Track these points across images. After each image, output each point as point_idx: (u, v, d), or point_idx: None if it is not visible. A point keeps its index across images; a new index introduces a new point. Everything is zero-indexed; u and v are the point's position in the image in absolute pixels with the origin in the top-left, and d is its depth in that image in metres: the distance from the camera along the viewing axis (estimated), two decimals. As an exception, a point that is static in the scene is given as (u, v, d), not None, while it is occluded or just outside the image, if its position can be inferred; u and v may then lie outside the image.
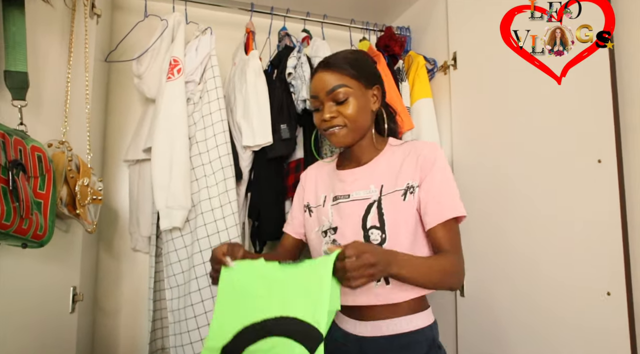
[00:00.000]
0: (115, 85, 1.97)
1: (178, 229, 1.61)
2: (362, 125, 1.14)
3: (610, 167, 1.18)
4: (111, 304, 1.90)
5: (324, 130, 1.14)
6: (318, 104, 1.14)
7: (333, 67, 1.11)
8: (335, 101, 1.10)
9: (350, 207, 1.14)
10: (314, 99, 1.14)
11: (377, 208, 1.10)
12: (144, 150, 1.69)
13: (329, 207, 1.18)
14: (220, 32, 1.81)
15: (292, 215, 1.31)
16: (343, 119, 1.11)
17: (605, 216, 1.19)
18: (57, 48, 1.23)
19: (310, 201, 1.26)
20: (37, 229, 0.97)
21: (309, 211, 1.24)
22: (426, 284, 0.99)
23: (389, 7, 2.24)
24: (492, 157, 1.59)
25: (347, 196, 1.16)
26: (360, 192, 1.14)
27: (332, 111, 1.11)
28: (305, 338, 0.88)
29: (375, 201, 1.11)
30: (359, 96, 1.12)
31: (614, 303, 1.16)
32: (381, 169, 1.15)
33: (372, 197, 1.12)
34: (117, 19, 1.97)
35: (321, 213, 1.20)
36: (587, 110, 1.26)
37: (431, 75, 1.97)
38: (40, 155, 1.01)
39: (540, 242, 1.38)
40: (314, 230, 1.21)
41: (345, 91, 1.09)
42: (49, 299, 1.23)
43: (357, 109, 1.11)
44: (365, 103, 1.13)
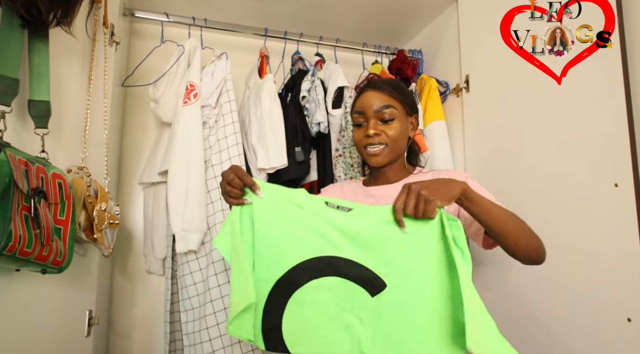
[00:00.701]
0: (130, 109, 2.01)
1: (193, 252, 1.61)
2: (401, 147, 1.21)
3: (627, 191, 1.17)
4: (125, 326, 1.90)
5: (364, 146, 1.20)
6: (362, 120, 1.20)
7: (383, 89, 1.19)
8: (381, 119, 1.17)
9: None
10: (359, 114, 1.20)
11: None
12: (160, 173, 1.71)
13: None
14: (234, 56, 1.84)
15: None
16: (386, 138, 1.17)
17: (623, 242, 1.17)
18: (77, 76, 1.25)
19: None
20: (56, 255, 0.98)
21: None
22: (508, 227, 0.98)
23: (401, 30, 2.26)
24: (506, 181, 1.58)
25: None
26: None
27: (377, 128, 1.17)
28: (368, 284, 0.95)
29: None
30: (402, 119, 1.20)
31: (635, 329, 1.14)
32: None
33: None
34: (135, 44, 2.01)
35: None
36: (603, 133, 1.25)
37: (444, 97, 1.98)
38: (60, 182, 1.02)
39: (557, 267, 1.36)
40: None
41: (392, 112, 1.17)
42: (66, 324, 1.23)
43: (400, 132, 1.18)
44: (406, 128, 1.21)
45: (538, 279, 1.42)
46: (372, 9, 2.03)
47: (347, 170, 1.77)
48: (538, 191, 1.44)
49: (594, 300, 1.25)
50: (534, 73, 1.48)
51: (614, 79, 1.22)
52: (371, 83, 1.20)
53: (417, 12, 2.08)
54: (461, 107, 1.86)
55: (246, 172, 1.01)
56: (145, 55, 1.84)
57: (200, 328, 1.55)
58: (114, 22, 1.46)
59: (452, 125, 1.92)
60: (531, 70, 1.49)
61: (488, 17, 1.71)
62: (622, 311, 1.17)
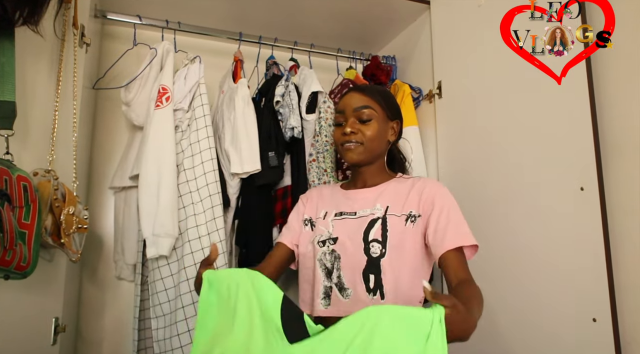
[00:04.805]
0: (102, 111, 1.97)
1: (164, 257, 1.59)
2: (377, 148, 1.23)
3: (592, 194, 1.21)
4: (94, 334, 1.85)
5: (342, 144, 1.22)
6: (342, 120, 1.23)
7: (364, 91, 1.23)
8: (359, 118, 1.20)
9: (354, 222, 1.19)
10: (340, 114, 1.24)
11: (381, 224, 1.14)
12: (131, 177, 1.68)
13: (330, 221, 1.23)
14: (208, 60, 1.83)
15: (289, 227, 1.32)
16: (362, 137, 1.19)
17: (589, 244, 1.20)
18: (45, 77, 1.23)
19: (311, 215, 1.30)
20: (20, 260, 0.95)
21: (311, 225, 1.28)
22: None
23: (375, 36, 2.28)
24: (476, 185, 1.61)
25: (354, 213, 1.21)
26: (366, 210, 1.19)
27: (354, 127, 1.19)
28: None
29: (379, 218, 1.15)
30: (380, 121, 1.22)
31: (600, 329, 1.16)
32: (388, 193, 1.21)
33: (376, 214, 1.16)
34: (106, 47, 1.98)
35: (320, 224, 1.24)
36: (570, 138, 1.28)
37: (417, 103, 2.00)
38: (26, 184, 1.00)
39: (525, 271, 1.39)
40: (309, 241, 1.24)
41: (370, 113, 1.20)
42: (30, 332, 1.19)
43: (377, 133, 1.20)
44: (384, 131, 1.23)
45: (504, 282, 1.44)
46: (347, 16, 2.04)
47: (320, 175, 1.77)
48: (507, 195, 1.47)
49: (560, 302, 1.28)
50: (504, 80, 1.51)
51: (580, 86, 1.25)
52: (357, 86, 1.26)
53: (391, 19, 2.10)
54: (434, 112, 1.88)
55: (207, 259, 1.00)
56: (117, 58, 1.82)
57: (171, 335, 1.52)
58: (85, 23, 1.43)
59: (425, 130, 1.94)
60: (501, 77, 1.52)
61: (460, 24, 1.75)
62: (587, 312, 1.20)
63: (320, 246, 1.20)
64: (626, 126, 1.21)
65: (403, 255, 1.12)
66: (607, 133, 1.24)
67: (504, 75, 1.51)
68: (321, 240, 1.20)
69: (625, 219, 1.19)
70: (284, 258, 1.29)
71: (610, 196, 1.21)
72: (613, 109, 1.24)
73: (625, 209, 1.20)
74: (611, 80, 1.25)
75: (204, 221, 1.60)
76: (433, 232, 1.10)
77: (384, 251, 1.12)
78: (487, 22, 1.58)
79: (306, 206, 1.34)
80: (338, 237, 1.18)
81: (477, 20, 1.64)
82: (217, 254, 1.01)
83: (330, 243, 1.19)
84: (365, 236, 1.14)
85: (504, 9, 1.38)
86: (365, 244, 1.13)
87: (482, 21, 1.61)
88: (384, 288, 1.11)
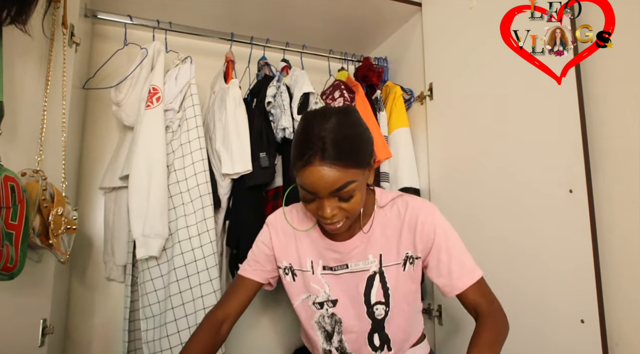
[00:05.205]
0: (92, 112, 1.96)
1: (154, 258, 1.58)
2: (361, 207, 1.02)
3: (581, 196, 1.21)
4: (83, 336, 1.84)
5: (319, 219, 1.00)
6: (312, 197, 0.96)
7: (337, 162, 0.90)
8: (339, 197, 0.95)
9: (349, 279, 1.10)
10: (308, 192, 0.95)
11: (380, 282, 1.07)
12: (121, 177, 1.67)
13: (320, 276, 1.12)
14: (200, 60, 1.83)
15: (258, 261, 1.19)
16: (345, 213, 0.97)
17: (578, 246, 1.21)
18: (34, 77, 1.22)
19: (291, 261, 1.16)
20: (7, 261, 0.94)
21: (292, 274, 1.16)
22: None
23: (367, 38, 2.29)
24: (466, 187, 1.62)
25: (345, 266, 1.10)
26: (359, 264, 1.09)
27: (333, 207, 0.95)
28: None
29: (376, 273, 1.07)
30: (362, 184, 0.97)
31: (588, 330, 1.17)
32: (377, 238, 1.08)
33: (371, 268, 1.08)
34: (97, 46, 1.97)
35: (310, 280, 1.13)
36: (559, 140, 1.29)
37: (408, 105, 2.01)
38: (13, 185, 0.99)
39: (514, 272, 1.39)
40: (300, 297, 1.15)
41: (352, 188, 0.93)
42: (17, 333, 1.18)
43: (361, 199, 0.98)
44: (365, 185, 1.00)
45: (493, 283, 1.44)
46: (339, 17, 2.05)
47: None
48: (496, 196, 1.48)
49: (548, 303, 1.29)
50: (495, 82, 1.52)
51: (569, 88, 1.26)
52: (320, 152, 0.90)
53: (383, 21, 2.10)
54: (425, 114, 1.89)
55: None
56: (108, 58, 1.81)
57: (160, 336, 1.51)
58: (74, 22, 1.42)
59: (416, 132, 1.95)
60: (492, 79, 1.53)
61: (452, 26, 1.75)
62: (576, 314, 1.20)
63: (317, 308, 1.12)
64: (615, 128, 1.22)
65: (404, 301, 1.09)
66: (596, 136, 1.25)
67: (495, 77, 1.52)
68: (318, 302, 1.11)
69: (613, 221, 1.20)
70: (253, 294, 1.18)
71: (598, 199, 1.22)
72: (602, 112, 1.25)
73: (614, 212, 1.20)
74: (600, 83, 1.26)
75: (194, 222, 1.59)
76: (437, 274, 1.06)
77: (387, 310, 1.07)
78: (478, 24, 1.59)
79: (274, 242, 1.19)
80: (337, 299, 1.10)
81: (469, 22, 1.65)
82: None
83: (329, 306, 1.10)
84: (367, 299, 1.07)
85: (496, 11, 1.38)
86: (368, 307, 1.07)
87: (473, 23, 1.62)
88: (390, 341, 1.09)
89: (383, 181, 1.88)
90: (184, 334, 1.51)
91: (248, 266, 1.20)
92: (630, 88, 1.19)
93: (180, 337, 1.51)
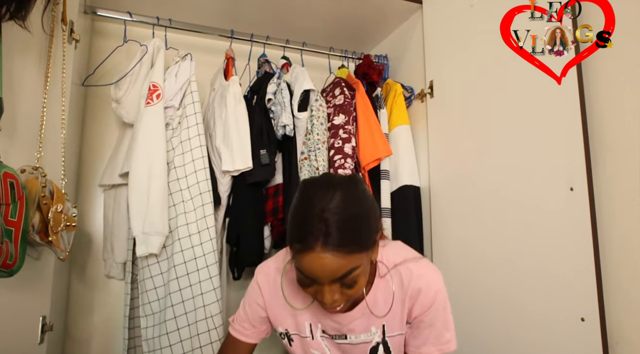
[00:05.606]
0: (91, 109, 1.96)
1: (154, 256, 1.58)
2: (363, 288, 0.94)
3: (582, 194, 1.21)
4: (82, 333, 1.84)
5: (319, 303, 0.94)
6: (311, 283, 0.89)
7: (341, 249, 0.82)
8: (342, 284, 0.87)
9: (350, 349, 1.06)
10: (307, 278, 0.87)
11: (384, 350, 1.04)
12: (121, 175, 1.67)
13: (320, 339, 1.06)
14: (200, 57, 1.82)
15: (254, 326, 1.13)
16: (347, 297, 0.90)
17: (578, 243, 1.21)
18: (33, 73, 1.21)
19: (287, 327, 1.10)
20: (7, 258, 0.94)
21: (289, 339, 1.10)
22: None
23: (367, 35, 2.28)
24: (467, 183, 1.62)
25: (344, 337, 1.05)
26: (360, 336, 1.04)
27: (334, 293, 0.88)
28: None
29: (379, 344, 1.04)
30: (366, 266, 0.90)
31: (588, 328, 1.17)
32: (379, 308, 1.01)
33: (374, 339, 1.04)
34: (96, 43, 1.96)
35: (310, 346, 1.07)
36: (560, 137, 1.29)
37: (409, 102, 2.01)
38: (12, 182, 0.98)
39: (514, 270, 1.39)
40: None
41: (356, 274, 0.86)
42: (16, 330, 1.18)
43: (364, 282, 0.90)
44: (369, 265, 0.93)
45: (493, 281, 1.45)
46: (339, 14, 2.04)
47: (312, 173, 1.77)
48: (497, 194, 1.48)
49: (549, 301, 1.28)
50: (495, 80, 1.52)
51: (570, 86, 1.26)
52: (322, 237, 0.81)
53: (383, 19, 2.10)
54: (425, 112, 1.88)
55: None
56: (107, 55, 1.80)
57: (160, 333, 1.51)
58: (74, 19, 1.42)
59: (417, 129, 1.95)
60: (493, 77, 1.53)
61: (452, 24, 1.75)
62: (576, 312, 1.20)
63: None
64: (616, 126, 1.22)
65: None
66: (597, 134, 1.24)
67: (496, 75, 1.52)
68: None
69: (614, 220, 1.20)
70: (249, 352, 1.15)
71: (599, 197, 1.21)
72: (603, 109, 1.25)
73: (614, 210, 1.20)
74: (600, 83, 1.26)
75: (194, 219, 1.59)
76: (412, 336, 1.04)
77: None
78: (479, 22, 1.58)
79: (267, 304, 1.10)
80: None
81: (470, 20, 1.64)
82: None
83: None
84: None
85: (497, 9, 1.38)
86: None
87: (474, 21, 1.62)
88: None
89: (383, 179, 1.88)
90: (184, 331, 1.51)
91: (243, 329, 1.14)
92: (630, 88, 1.19)
93: (179, 334, 1.51)
